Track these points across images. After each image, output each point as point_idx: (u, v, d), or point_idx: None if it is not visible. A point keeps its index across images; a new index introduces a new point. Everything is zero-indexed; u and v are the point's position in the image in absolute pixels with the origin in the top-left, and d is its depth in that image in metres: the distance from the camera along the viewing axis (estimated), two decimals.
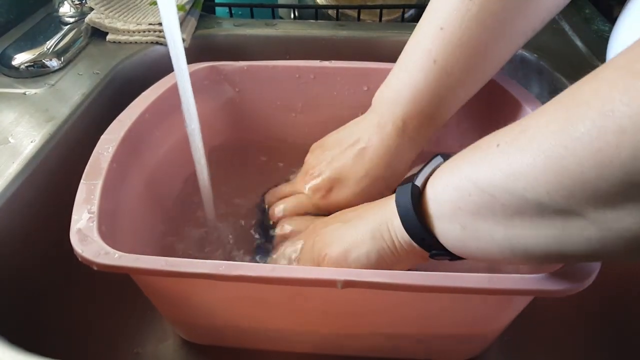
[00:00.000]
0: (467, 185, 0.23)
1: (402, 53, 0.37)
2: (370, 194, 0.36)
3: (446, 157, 0.29)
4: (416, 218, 0.27)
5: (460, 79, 0.35)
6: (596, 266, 0.27)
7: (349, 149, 0.37)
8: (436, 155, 0.29)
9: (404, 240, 0.29)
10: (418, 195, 0.28)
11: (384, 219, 0.30)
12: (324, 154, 0.39)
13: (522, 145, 0.20)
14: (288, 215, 0.40)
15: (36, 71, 0.49)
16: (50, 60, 0.49)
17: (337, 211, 0.37)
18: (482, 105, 0.44)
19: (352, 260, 0.30)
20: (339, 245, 0.31)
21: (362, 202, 0.36)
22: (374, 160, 0.36)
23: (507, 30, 0.34)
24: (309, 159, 0.41)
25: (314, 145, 0.42)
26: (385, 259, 0.30)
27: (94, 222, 0.30)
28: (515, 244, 0.23)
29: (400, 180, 0.36)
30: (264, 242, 0.41)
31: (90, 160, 0.34)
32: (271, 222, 0.41)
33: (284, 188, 0.42)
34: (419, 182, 0.28)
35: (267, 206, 0.43)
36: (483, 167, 0.22)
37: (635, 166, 0.16)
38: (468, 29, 0.33)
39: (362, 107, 0.40)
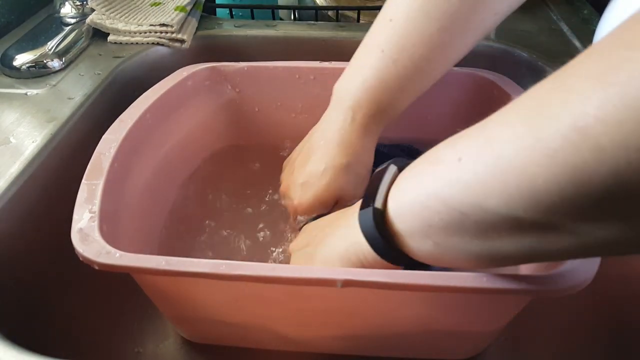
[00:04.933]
0: (435, 204, 0.22)
1: (359, 46, 0.38)
2: (340, 185, 0.36)
3: (401, 162, 0.28)
4: (383, 241, 0.26)
5: (407, 69, 0.35)
6: (595, 267, 0.27)
7: (311, 153, 0.38)
8: (389, 164, 0.28)
9: (374, 260, 0.28)
10: (381, 216, 0.26)
11: (351, 240, 0.29)
12: (293, 173, 0.39)
13: (490, 162, 0.19)
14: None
15: (38, 72, 0.49)
16: (52, 60, 0.50)
17: (312, 212, 0.37)
18: (479, 105, 0.45)
19: None
20: None
21: (335, 196, 0.36)
22: (330, 152, 0.36)
23: (455, 23, 0.34)
24: (282, 176, 0.42)
25: (284, 163, 0.43)
26: None
27: (95, 222, 0.30)
28: (494, 254, 0.22)
29: (368, 167, 0.37)
30: None
31: (91, 160, 0.34)
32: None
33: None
34: (378, 203, 0.26)
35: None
36: (450, 184, 0.21)
37: (617, 182, 0.15)
38: (413, 19, 0.34)
39: None
